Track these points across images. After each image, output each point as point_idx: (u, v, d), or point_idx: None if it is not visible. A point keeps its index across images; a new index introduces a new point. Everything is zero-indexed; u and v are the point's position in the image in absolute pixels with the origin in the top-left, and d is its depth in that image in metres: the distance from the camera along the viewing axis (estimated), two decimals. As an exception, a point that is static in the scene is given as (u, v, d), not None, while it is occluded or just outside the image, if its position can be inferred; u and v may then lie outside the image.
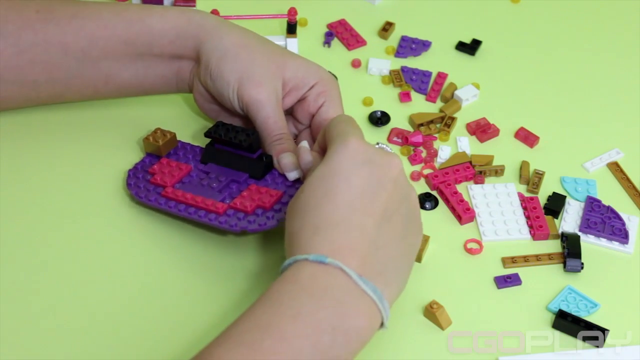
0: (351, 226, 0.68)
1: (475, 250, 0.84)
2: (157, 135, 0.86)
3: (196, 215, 0.79)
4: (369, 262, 0.68)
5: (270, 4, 1.04)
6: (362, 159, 0.70)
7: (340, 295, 0.66)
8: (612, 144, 0.94)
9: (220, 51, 0.83)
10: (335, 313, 0.65)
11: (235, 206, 0.80)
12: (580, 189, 0.89)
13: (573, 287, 0.81)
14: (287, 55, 0.85)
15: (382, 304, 0.67)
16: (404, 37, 1.04)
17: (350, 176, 0.69)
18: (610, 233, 0.85)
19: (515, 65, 1.03)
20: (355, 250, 0.67)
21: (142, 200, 0.82)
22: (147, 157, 0.86)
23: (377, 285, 0.67)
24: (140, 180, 0.84)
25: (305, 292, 0.66)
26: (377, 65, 1.00)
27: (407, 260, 0.72)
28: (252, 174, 0.82)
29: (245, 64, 0.83)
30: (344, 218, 0.68)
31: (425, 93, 0.99)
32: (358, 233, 0.68)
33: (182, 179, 0.83)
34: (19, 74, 0.85)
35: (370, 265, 0.68)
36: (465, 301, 0.80)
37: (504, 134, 0.95)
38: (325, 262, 0.66)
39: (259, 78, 0.83)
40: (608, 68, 1.03)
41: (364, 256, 0.68)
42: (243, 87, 0.83)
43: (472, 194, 0.88)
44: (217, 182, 0.82)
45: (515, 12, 1.09)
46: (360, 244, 0.68)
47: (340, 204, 0.69)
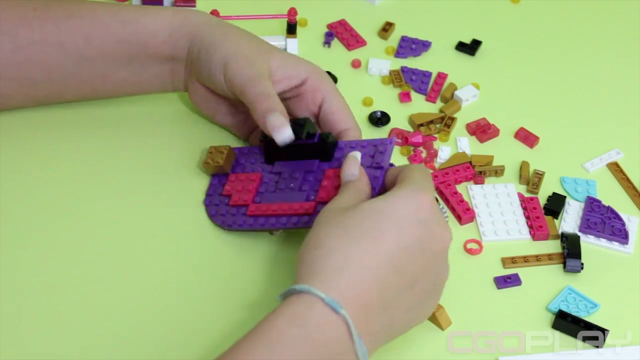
0: (376, 280, 0.66)
1: (475, 251, 0.84)
2: (214, 154, 0.84)
3: (290, 224, 0.77)
4: (372, 322, 0.66)
5: (270, 4, 1.04)
6: (422, 218, 0.68)
7: (336, 350, 0.64)
8: (612, 144, 0.94)
9: (209, 39, 0.83)
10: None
11: (322, 199, 0.77)
12: (580, 189, 0.89)
13: (573, 288, 0.81)
14: (274, 48, 0.85)
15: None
16: (404, 37, 1.04)
17: (404, 229, 0.67)
18: (610, 233, 0.85)
19: (515, 65, 1.03)
20: (367, 306, 0.66)
21: (232, 228, 0.80)
22: (214, 179, 0.85)
23: (367, 342, 0.66)
24: (221, 206, 0.82)
25: (310, 341, 0.63)
26: (377, 66, 1.00)
27: (406, 326, 0.71)
28: (321, 158, 0.80)
29: (232, 46, 0.82)
30: (375, 268, 0.66)
31: (425, 93, 0.99)
32: (378, 290, 0.66)
33: (258, 189, 0.81)
34: (17, 71, 0.85)
35: (371, 325, 0.66)
36: (465, 301, 0.80)
37: (504, 134, 0.95)
38: (337, 312, 0.64)
39: (247, 57, 0.82)
40: (608, 68, 1.03)
41: (370, 314, 0.66)
42: (232, 67, 0.82)
43: (472, 194, 0.89)
44: (293, 180, 0.80)
45: (515, 12, 1.09)
46: (375, 302, 0.66)
47: (380, 251, 0.67)
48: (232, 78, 0.82)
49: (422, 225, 0.68)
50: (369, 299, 0.66)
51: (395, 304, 0.67)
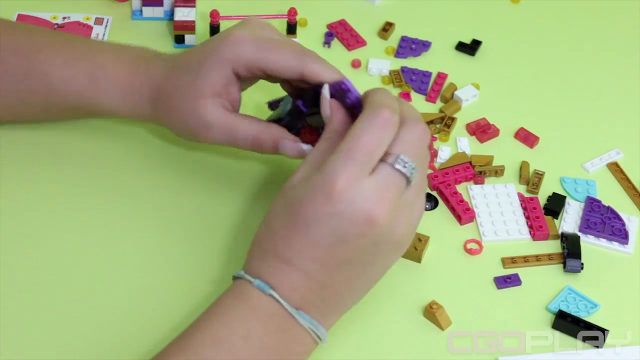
0: (298, 271, 0.68)
1: (475, 251, 0.84)
2: None
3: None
4: (309, 299, 0.68)
5: (270, 4, 1.04)
6: (332, 210, 0.66)
7: (282, 323, 0.68)
8: (612, 144, 0.94)
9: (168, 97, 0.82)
10: (278, 338, 0.67)
11: None
12: (580, 189, 0.89)
13: (573, 288, 0.81)
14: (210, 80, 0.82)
15: (318, 332, 0.69)
16: (404, 38, 1.04)
17: (315, 229, 0.67)
18: (610, 233, 0.85)
19: (515, 65, 1.03)
20: (296, 289, 0.68)
21: None
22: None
23: (317, 315, 0.69)
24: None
25: (254, 314, 0.67)
26: (377, 66, 1.00)
27: (360, 291, 0.71)
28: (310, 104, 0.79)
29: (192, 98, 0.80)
30: (293, 261, 0.68)
31: (425, 93, 0.99)
32: (303, 278, 0.68)
33: None
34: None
35: (311, 301, 0.69)
36: (465, 301, 0.80)
37: (504, 134, 0.95)
38: (266, 293, 0.68)
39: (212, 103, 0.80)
40: (608, 68, 1.03)
41: (304, 293, 0.68)
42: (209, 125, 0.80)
43: (472, 194, 0.89)
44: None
45: (515, 12, 1.09)
46: (302, 285, 0.68)
47: (295, 248, 0.68)
48: (216, 134, 0.81)
49: (333, 218, 0.66)
50: (297, 286, 0.68)
51: (330, 284, 0.69)
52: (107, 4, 1.05)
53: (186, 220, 0.84)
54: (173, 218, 0.84)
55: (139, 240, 0.82)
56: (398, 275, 0.81)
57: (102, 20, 1.03)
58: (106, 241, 0.82)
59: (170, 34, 1.03)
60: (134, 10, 1.04)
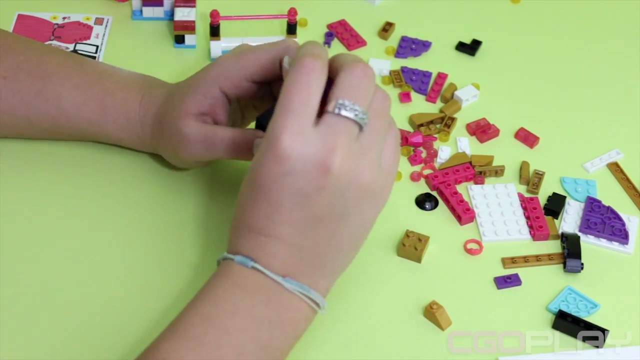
0: (274, 237, 0.69)
1: (475, 251, 0.84)
2: None
3: None
4: (292, 264, 0.69)
5: (270, 4, 1.04)
6: (286, 169, 0.66)
7: (270, 293, 0.68)
8: (612, 144, 0.94)
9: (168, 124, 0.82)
10: (269, 309, 0.68)
11: None
12: (580, 190, 0.89)
13: (573, 288, 0.81)
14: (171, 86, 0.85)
15: (312, 296, 0.69)
16: (404, 38, 1.04)
17: (272, 190, 0.67)
18: (610, 233, 0.85)
19: (515, 65, 1.03)
20: (276, 256, 0.69)
21: None
22: None
23: (305, 280, 0.69)
24: None
25: (240, 288, 0.68)
26: (377, 66, 1.00)
27: (346, 248, 0.71)
28: None
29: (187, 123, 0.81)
30: (263, 228, 0.69)
31: (425, 93, 0.99)
32: (279, 244, 0.69)
33: None
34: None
35: (295, 266, 0.69)
36: (465, 301, 0.80)
37: (504, 134, 0.95)
38: (247, 266, 0.68)
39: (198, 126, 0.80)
40: (608, 68, 1.03)
41: (285, 259, 0.69)
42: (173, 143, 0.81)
43: (472, 195, 0.89)
44: None
45: (515, 12, 1.09)
46: (281, 251, 0.69)
47: (261, 216, 0.69)
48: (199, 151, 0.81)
49: (286, 177, 0.67)
50: (275, 252, 0.69)
51: (309, 245, 0.69)
52: (107, 4, 1.05)
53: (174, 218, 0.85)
54: (167, 219, 0.85)
55: (129, 240, 0.83)
56: (398, 275, 0.81)
57: (102, 20, 1.03)
58: (96, 241, 0.82)
59: (170, 34, 1.02)
60: (134, 10, 1.04)
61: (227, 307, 0.67)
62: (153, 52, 1.00)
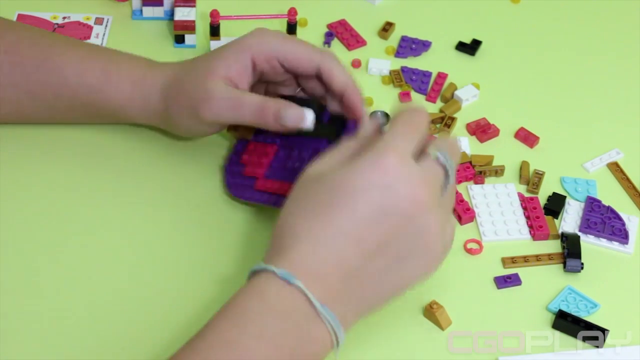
0: (332, 253, 0.66)
1: (475, 251, 0.84)
2: None
3: None
4: (336, 291, 0.66)
5: (270, 4, 1.04)
6: (382, 183, 0.65)
7: (302, 320, 0.65)
8: (612, 144, 0.94)
9: (177, 89, 0.83)
10: (295, 337, 0.65)
11: None
12: (580, 189, 0.89)
13: (573, 287, 0.81)
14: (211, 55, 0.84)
15: (338, 331, 0.66)
16: (404, 37, 1.04)
17: (358, 200, 0.65)
18: (610, 233, 0.85)
19: (515, 65, 1.03)
20: (326, 279, 0.65)
21: (241, 198, 0.83)
22: (238, 145, 0.86)
23: (338, 310, 0.66)
24: (236, 175, 0.83)
25: (271, 312, 0.65)
26: (377, 66, 1.00)
27: (386, 294, 0.69)
28: (330, 138, 0.81)
29: (201, 87, 0.81)
30: (329, 240, 0.66)
31: (425, 93, 0.99)
32: (335, 262, 0.66)
33: (271, 163, 0.83)
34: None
35: (337, 294, 0.66)
36: (465, 301, 0.80)
37: (504, 134, 0.95)
38: (291, 283, 0.65)
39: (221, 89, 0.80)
40: (608, 68, 1.03)
41: (332, 285, 0.66)
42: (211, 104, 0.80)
43: (472, 194, 0.89)
44: (301, 160, 0.81)
45: (515, 12, 1.09)
46: (334, 273, 0.66)
47: (334, 224, 0.66)
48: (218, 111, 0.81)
49: (381, 190, 0.65)
50: (327, 274, 0.65)
51: (361, 273, 0.66)
52: (107, 4, 1.05)
53: (192, 218, 0.84)
54: (176, 216, 0.84)
55: (143, 240, 0.82)
56: (398, 275, 0.81)
57: (102, 20, 1.03)
58: (110, 242, 0.82)
59: (170, 33, 1.03)
60: (134, 10, 1.04)
61: (253, 331, 0.64)
62: (153, 52, 0.99)
